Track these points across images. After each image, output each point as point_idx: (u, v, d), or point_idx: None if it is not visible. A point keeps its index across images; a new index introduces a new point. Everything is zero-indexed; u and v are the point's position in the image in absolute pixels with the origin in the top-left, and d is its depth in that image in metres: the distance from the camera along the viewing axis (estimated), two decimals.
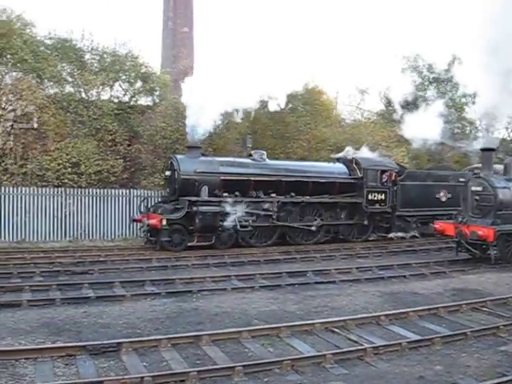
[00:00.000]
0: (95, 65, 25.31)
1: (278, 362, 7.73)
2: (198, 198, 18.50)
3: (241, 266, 16.16)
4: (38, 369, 7.45)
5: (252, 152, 21.53)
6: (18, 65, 22.68)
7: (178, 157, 19.53)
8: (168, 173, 19.43)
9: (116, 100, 25.29)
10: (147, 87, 25.91)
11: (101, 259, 16.26)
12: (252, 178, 19.84)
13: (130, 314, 10.26)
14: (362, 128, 30.63)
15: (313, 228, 20.75)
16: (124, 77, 25.62)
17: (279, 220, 20.14)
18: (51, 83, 24.14)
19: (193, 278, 13.77)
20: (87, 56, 25.38)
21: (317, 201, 21.01)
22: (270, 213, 19.95)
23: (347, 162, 22.57)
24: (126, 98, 25.80)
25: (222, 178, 19.24)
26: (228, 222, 18.70)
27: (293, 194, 20.49)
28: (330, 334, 9.34)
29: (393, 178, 22.62)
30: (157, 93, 26.27)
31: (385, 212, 22.60)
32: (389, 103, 32.46)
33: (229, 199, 18.87)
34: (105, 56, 25.44)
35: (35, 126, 23.61)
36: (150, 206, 20.12)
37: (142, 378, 6.93)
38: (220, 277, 14.14)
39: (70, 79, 24.61)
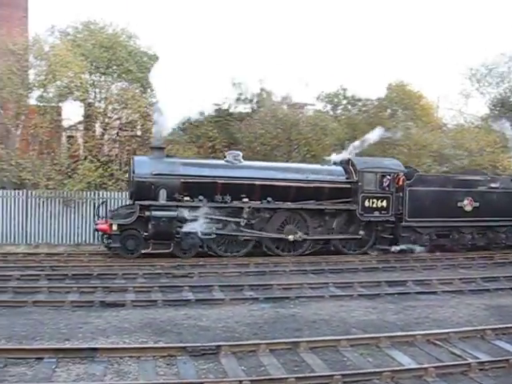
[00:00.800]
0: None
1: (378, 372, 7.53)
2: (151, 202, 17.05)
3: (339, 274, 15.94)
4: (141, 367, 7.68)
5: (226, 153, 19.74)
6: (124, 75, 23.74)
7: (136, 158, 18.34)
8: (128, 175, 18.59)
9: (216, 107, 25.81)
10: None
11: (200, 263, 16.54)
12: (219, 181, 17.91)
13: (228, 318, 10.39)
14: (465, 133, 29.40)
15: (290, 238, 18.45)
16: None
17: (252, 228, 18.21)
18: (153, 92, 25.00)
19: (290, 284, 13.75)
20: None
21: (297, 207, 18.64)
22: (239, 220, 18.02)
23: (345, 164, 20.04)
24: (226, 106, 26.26)
25: (183, 180, 17.52)
26: (187, 229, 17.09)
27: (269, 199, 18.38)
28: (431, 347, 9.00)
29: (399, 182, 19.61)
30: (255, 100, 26.53)
31: (387, 221, 19.57)
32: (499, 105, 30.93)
33: (187, 203, 17.36)
34: None
35: (139, 133, 24.59)
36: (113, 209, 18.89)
37: (241, 381, 6.97)
38: (318, 284, 14.05)
39: None
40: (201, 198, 17.58)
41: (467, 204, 20.32)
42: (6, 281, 13.32)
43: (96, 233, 18.47)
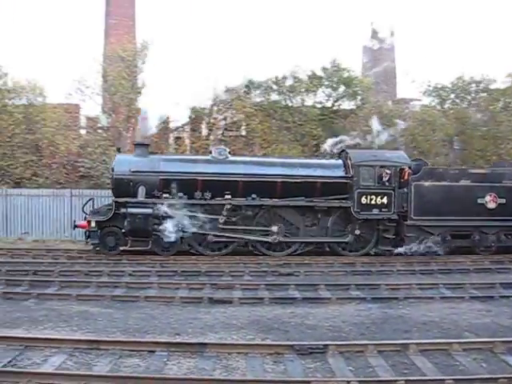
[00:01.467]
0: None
1: (493, 379, 7.11)
2: (126, 199, 16.84)
3: (449, 274, 15.34)
4: (248, 363, 7.75)
5: (212, 148, 18.89)
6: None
7: (117, 156, 18.14)
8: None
9: (319, 105, 25.72)
10: (350, 91, 25.96)
11: (305, 262, 16.51)
12: (198, 178, 17.34)
13: (335, 317, 10.27)
14: None
15: (269, 240, 17.52)
16: (327, 82, 25.95)
17: (235, 226, 17.55)
18: (258, 92, 25.32)
19: (398, 285, 13.39)
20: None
21: (282, 204, 17.62)
22: (218, 217, 17.30)
23: (343, 157, 18.59)
24: (329, 103, 26.10)
25: (161, 177, 17.23)
26: (164, 226, 16.66)
27: (254, 195, 17.49)
28: None
29: (405, 176, 17.98)
30: (359, 96, 26.19)
31: (389, 220, 17.96)
32: None
33: (162, 200, 16.92)
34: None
35: (243, 133, 24.98)
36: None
37: (349, 382, 6.86)
38: (427, 284, 13.59)
39: (276, 87, 25.58)
40: (180, 194, 17.14)
41: (490, 201, 18.07)
42: (119, 276, 14.00)
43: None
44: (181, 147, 25.41)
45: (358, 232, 17.87)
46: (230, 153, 18.42)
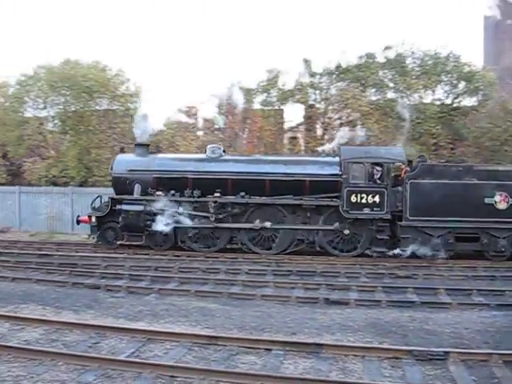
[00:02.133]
0: (416, 69, 25.24)
1: None
2: (121, 196, 17.83)
3: None
4: (365, 366, 7.61)
5: (207, 147, 18.79)
6: (342, 75, 23.97)
7: (119, 155, 19.56)
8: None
9: (438, 103, 24.81)
10: (471, 87, 24.80)
11: (424, 264, 15.95)
12: (189, 176, 17.70)
13: (456, 323, 9.82)
14: None
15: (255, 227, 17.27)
16: (446, 78, 24.98)
17: (224, 222, 17.55)
18: (373, 90, 24.86)
19: None
20: (408, 61, 25.45)
21: (269, 202, 17.38)
22: (207, 214, 17.43)
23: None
24: (449, 100, 25.10)
25: (155, 175, 17.89)
26: (157, 223, 17.19)
27: (243, 193, 17.39)
28: None
29: (402, 173, 16.97)
30: (481, 92, 24.96)
31: (383, 220, 16.83)
32: None
33: (153, 198, 17.56)
34: (426, 59, 25.18)
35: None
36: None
37: None
38: None
39: (392, 85, 24.99)
40: (172, 192, 17.64)
41: (500, 200, 16.31)
42: (236, 274, 14.26)
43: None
44: (295, 147, 25.50)
45: (347, 232, 17.10)
46: (224, 151, 18.73)
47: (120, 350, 8.26)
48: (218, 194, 17.59)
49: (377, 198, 16.69)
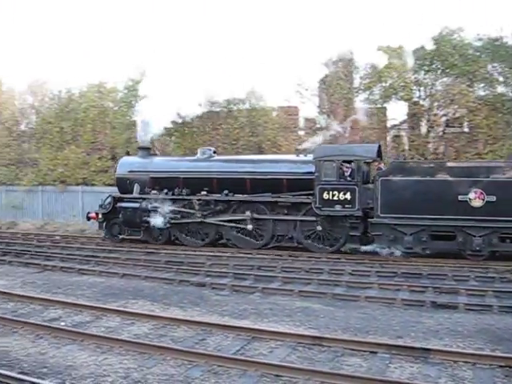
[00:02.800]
0: None
1: None
2: (120, 195, 19.87)
3: None
4: (476, 375, 7.29)
5: (200, 149, 20.12)
6: (448, 70, 23.10)
7: (122, 158, 21.44)
8: None
9: None
10: None
11: None
12: (180, 176, 19.08)
13: None
14: None
15: (249, 227, 18.05)
16: None
17: (205, 219, 18.63)
18: (482, 85, 23.77)
19: None
20: None
21: (246, 199, 18.17)
22: (193, 211, 18.70)
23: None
24: None
25: (151, 176, 19.50)
26: (151, 219, 18.74)
27: (226, 191, 18.26)
28: None
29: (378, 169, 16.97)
30: None
31: (354, 217, 16.60)
32: None
33: (147, 196, 19.29)
34: None
35: (466, 129, 23.61)
36: None
37: None
38: None
39: (502, 79, 23.76)
40: (165, 191, 19.19)
41: (475, 198, 15.32)
42: (339, 275, 14.12)
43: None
44: (399, 146, 24.88)
45: (319, 228, 17.26)
46: (214, 152, 19.91)
47: (226, 348, 8.42)
48: (204, 192, 18.75)
49: (348, 195, 16.67)
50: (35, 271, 15.19)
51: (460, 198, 15.50)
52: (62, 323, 9.76)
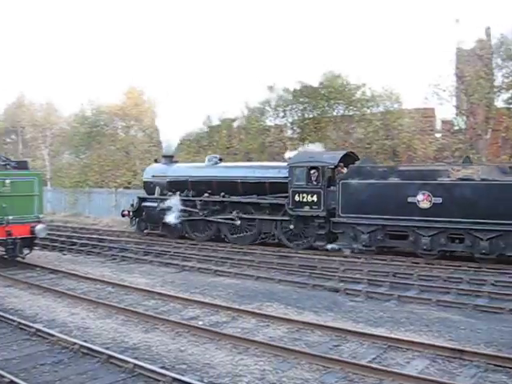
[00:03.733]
0: None
1: None
2: (144, 196, 23.51)
3: None
4: None
5: (207, 157, 23.17)
6: None
7: (150, 165, 24.81)
8: None
9: None
10: None
11: None
12: (190, 180, 21.84)
13: None
14: None
15: (237, 223, 20.58)
16: None
17: (206, 217, 21.37)
18: None
19: None
20: None
21: (235, 200, 20.74)
22: (196, 210, 21.46)
23: None
24: None
25: (168, 180, 22.14)
26: (166, 216, 21.59)
27: (223, 193, 20.86)
28: None
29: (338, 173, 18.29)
30: None
31: (320, 217, 18.26)
32: None
33: (163, 197, 22.29)
34: None
35: None
36: None
37: None
38: None
39: None
40: (178, 193, 21.96)
41: (423, 200, 16.27)
42: (480, 285, 13.36)
43: None
44: None
45: (292, 227, 19.10)
46: (220, 160, 22.72)
47: (361, 355, 8.26)
48: (206, 194, 21.46)
49: (314, 198, 18.41)
50: (174, 271, 15.87)
51: (409, 199, 16.54)
52: (200, 322, 10.08)
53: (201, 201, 21.45)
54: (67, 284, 13.87)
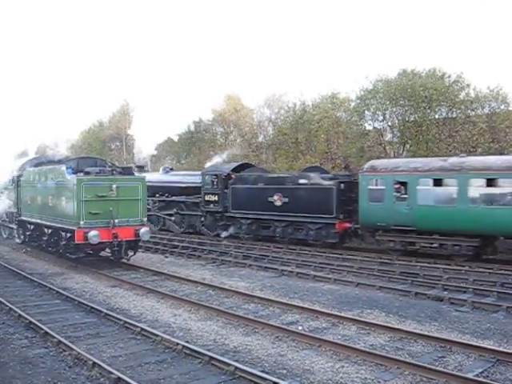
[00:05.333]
0: None
1: None
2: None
3: None
4: None
5: (161, 167, 29.03)
6: None
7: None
8: None
9: None
10: None
11: None
12: (150, 185, 23.32)
13: None
14: None
15: (172, 218, 27.05)
16: None
17: (156, 212, 27.55)
18: None
19: None
20: None
21: (172, 199, 26.91)
22: (151, 207, 26.81)
23: None
24: None
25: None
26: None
27: (167, 195, 27.06)
28: None
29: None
30: None
31: (219, 212, 24.33)
32: None
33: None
34: None
35: None
36: None
37: None
38: None
39: None
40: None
41: (277, 199, 21.78)
42: None
43: None
44: None
45: (203, 219, 25.28)
46: (171, 169, 29.90)
47: (467, 368, 7.92)
48: (157, 195, 27.23)
49: (216, 198, 24.32)
50: (273, 275, 15.94)
51: (269, 199, 22.16)
52: (300, 327, 10.05)
53: (153, 200, 27.16)
54: (170, 286, 14.29)
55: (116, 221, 16.00)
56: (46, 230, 18.15)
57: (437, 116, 25.74)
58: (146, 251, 20.28)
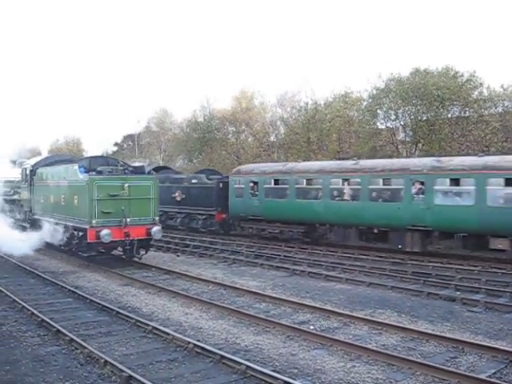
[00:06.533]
0: None
1: None
2: None
3: None
4: None
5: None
6: None
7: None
8: None
9: None
10: None
11: None
12: None
13: None
14: None
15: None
16: None
17: None
18: None
19: None
20: None
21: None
22: None
23: None
24: None
25: None
26: None
27: None
28: None
29: None
30: None
31: None
32: None
33: None
34: None
35: None
36: None
37: None
38: None
39: None
40: None
41: (177, 195, 26.83)
42: None
43: None
44: None
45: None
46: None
47: (480, 369, 7.85)
48: None
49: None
50: (284, 275, 15.91)
51: (172, 195, 26.65)
52: (311, 327, 10.02)
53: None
54: (181, 284, 14.32)
55: (128, 220, 16.04)
56: (58, 228, 18.24)
57: (449, 115, 25.65)
58: (157, 250, 20.31)
